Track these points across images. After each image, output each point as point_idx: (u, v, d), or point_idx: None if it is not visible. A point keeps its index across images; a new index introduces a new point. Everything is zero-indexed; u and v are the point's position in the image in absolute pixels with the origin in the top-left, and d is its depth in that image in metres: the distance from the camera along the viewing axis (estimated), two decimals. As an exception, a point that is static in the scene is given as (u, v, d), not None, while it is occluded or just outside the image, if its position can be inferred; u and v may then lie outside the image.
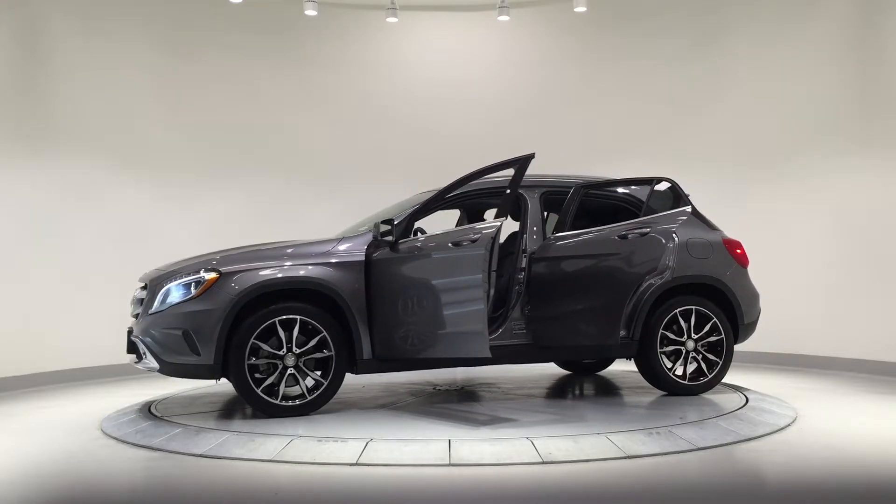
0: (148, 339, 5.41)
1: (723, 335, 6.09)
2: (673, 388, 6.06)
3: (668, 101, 9.09)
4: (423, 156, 9.16)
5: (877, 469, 4.35)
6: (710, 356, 6.09)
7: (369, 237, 5.61)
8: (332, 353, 5.38)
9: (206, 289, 5.27)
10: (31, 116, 7.75)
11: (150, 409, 5.81)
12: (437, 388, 6.70)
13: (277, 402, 5.29)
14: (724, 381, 6.70)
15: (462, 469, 4.29)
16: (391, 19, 9.26)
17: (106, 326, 7.97)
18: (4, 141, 7.51)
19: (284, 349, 5.28)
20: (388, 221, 5.48)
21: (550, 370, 7.58)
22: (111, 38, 8.39)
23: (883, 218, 7.63)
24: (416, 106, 9.57)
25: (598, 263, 5.57)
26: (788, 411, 5.64)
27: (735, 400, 5.90)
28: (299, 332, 5.33)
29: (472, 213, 6.98)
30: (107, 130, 8.28)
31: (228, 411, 5.73)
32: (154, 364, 5.45)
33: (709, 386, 6.10)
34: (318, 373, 5.44)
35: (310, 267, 5.42)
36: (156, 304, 5.44)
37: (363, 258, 5.52)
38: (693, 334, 6.05)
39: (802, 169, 8.31)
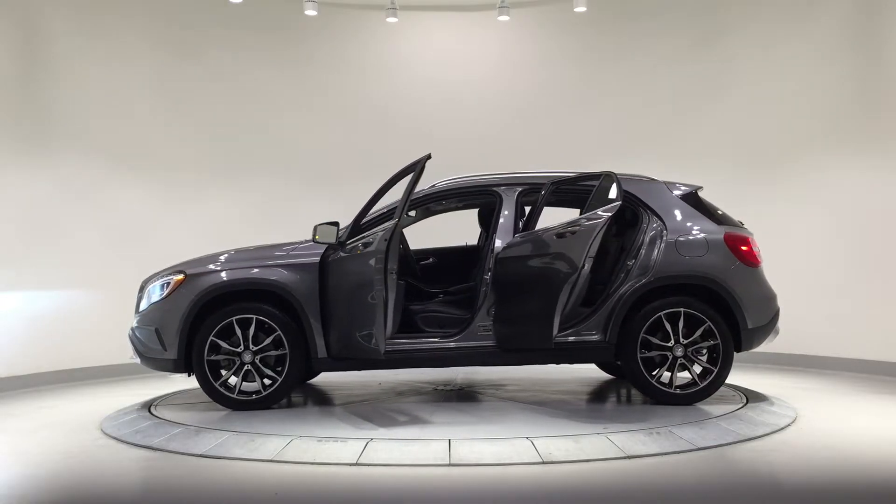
0: (134, 335, 5.90)
1: (718, 340, 5.64)
2: (657, 397, 5.68)
3: (668, 100, 9.09)
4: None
5: (877, 469, 4.35)
6: (705, 363, 5.67)
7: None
8: (287, 350, 5.61)
9: (174, 289, 5.72)
10: (30, 116, 7.75)
11: (149, 409, 5.83)
12: (438, 387, 6.70)
13: (234, 395, 5.67)
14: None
15: (462, 469, 4.29)
16: (391, 19, 9.26)
17: (106, 326, 7.98)
18: (4, 140, 7.51)
19: (242, 346, 5.62)
20: (334, 224, 5.62)
21: (564, 372, 7.57)
22: (111, 37, 8.39)
23: (883, 218, 7.63)
24: (416, 106, 9.57)
25: (533, 264, 5.40)
26: (788, 411, 5.64)
27: (735, 400, 5.90)
28: (262, 331, 5.63)
29: (486, 214, 6.98)
30: (107, 130, 8.27)
31: (228, 411, 5.73)
32: (137, 358, 5.92)
33: (699, 396, 5.67)
34: (279, 369, 5.67)
35: (265, 269, 5.71)
36: (143, 303, 5.94)
37: (317, 260, 5.67)
38: (682, 339, 5.63)
39: (802, 169, 8.31)
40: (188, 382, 7.03)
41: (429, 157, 5.44)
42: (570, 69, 9.49)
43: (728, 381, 6.65)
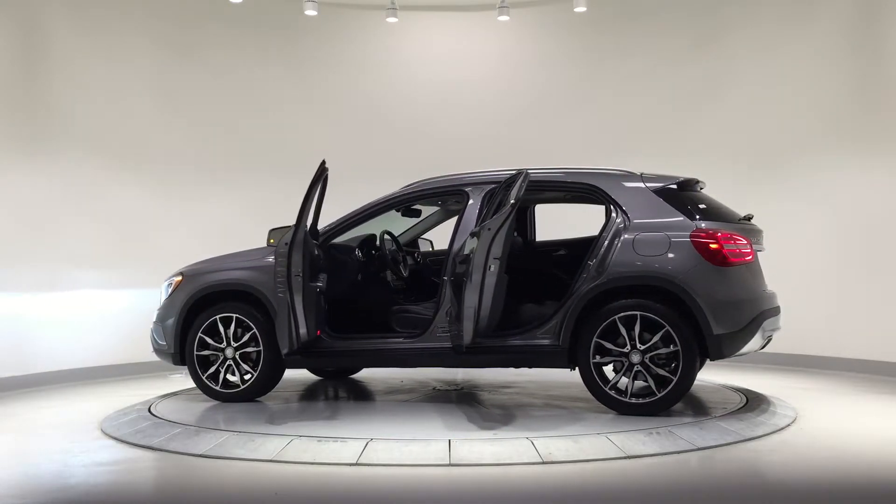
0: (151, 331, 6.39)
1: (679, 347, 5.17)
2: (612, 406, 5.31)
3: (668, 100, 9.08)
4: (423, 156, 9.15)
5: (877, 469, 4.35)
6: (662, 371, 5.21)
7: None
8: (261, 347, 5.90)
9: (175, 289, 6.23)
10: (30, 116, 7.73)
11: (149, 410, 5.82)
12: (437, 388, 6.70)
13: (218, 388, 6.01)
14: (723, 381, 6.70)
15: (462, 469, 4.29)
16: (391, 19, 9.26)
17: (106, 326, 8.00)
18: (4, 140, 7.50)
19: (224, 343, 5.99)
20: (290, 227, 5.74)
21: (565, 374, 7.54)
22: (111, 37, 8.38)
23: (883, 218, 7.62)
24: (416, 106, 9.57)
25: (458, 265, 5.30)
26: (788, 411, 5.64)
27: (735, 400, 5.90)
28: (244, 329, 5.97)
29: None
30: (106, 128, 8.26)
31: (228, 411, 5.74)
32: (151, 350, 6.44)
33: (657, 407, 5.21)
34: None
35: (245, 271, 6.03)
36: (161, 300, 6.38)
37: None
38: (640, 344, 5.22)
39: (803, 169, 8.30)
40: (188, 383, 7.05)
41: (323, 162, 5.71)
42: (570, 69, 9.49)
43: (728, 380, 6.67)
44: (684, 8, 9.08)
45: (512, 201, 5.10)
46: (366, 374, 7.38)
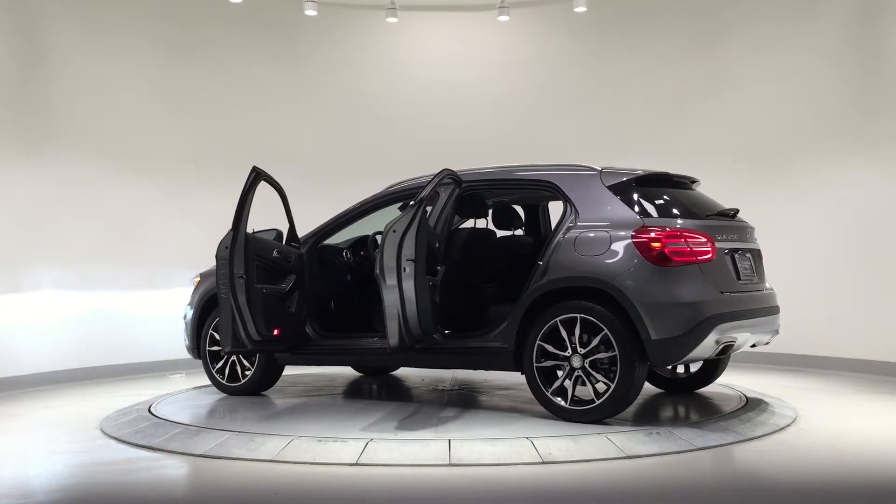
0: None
1: (616, 352, 4.90)
2: (555, 412, 5.11)
3: (668, 100, 9.08)
4: (424, 156, 9.12)
5: (877, 469, 4.35)
6: (600, 378, 4.98)
7: None
8: None
9: (195, 289, 6.67)
10: (30, 116, 7.73)
11: (149, 410, 5.82)
12: (437, 387, 6.70)
13: (224, 382, 6.39)
14: (723, 382, 6.70)
15: (462, 469, 4.29)
16: (391, 19, 9.26)
17: (106, 326, 7.99)
18: (4, 140, 7.50)
19: None
20: (272, 231, 6.03)
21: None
22: (111, 37, 8.37)
23: (883, 218, 7.62)
24: (415, 106, 9.57)
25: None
26: (788, 411, 5.64)
27: (735, 400, 5.90)
28: None
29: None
30: (106, 127, 8.25)
31: (228, 411, 5.74)
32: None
33: (596, 414, 4.97)
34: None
35: None
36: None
37: None
38: (580, 348, 4.99)
39: (802, 169, 8.30)
40: (187, 382, 7.07)
41: (254, 167, 5.88)
42: (570, 69, 9.48)
43: (727, 381, 6.66)
44: (684, 8, 9.08)
45: (412, 203, 5.06)
46: (402, 373, 7.47)
